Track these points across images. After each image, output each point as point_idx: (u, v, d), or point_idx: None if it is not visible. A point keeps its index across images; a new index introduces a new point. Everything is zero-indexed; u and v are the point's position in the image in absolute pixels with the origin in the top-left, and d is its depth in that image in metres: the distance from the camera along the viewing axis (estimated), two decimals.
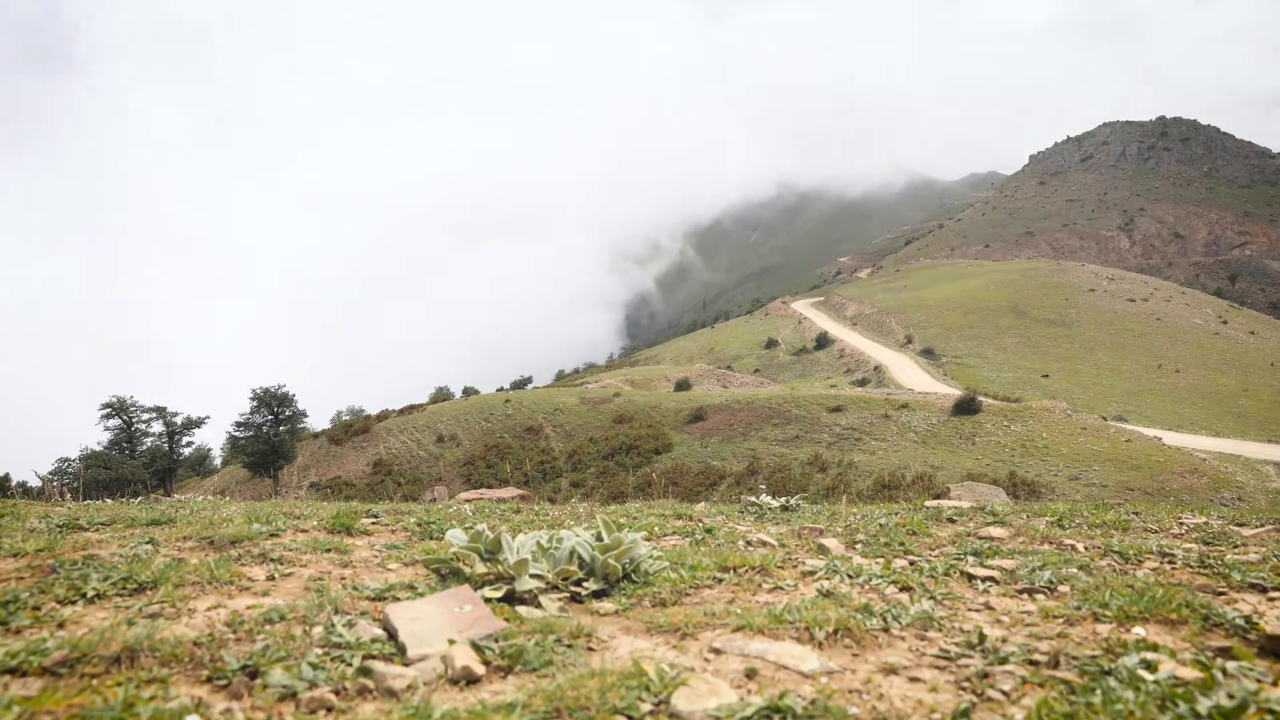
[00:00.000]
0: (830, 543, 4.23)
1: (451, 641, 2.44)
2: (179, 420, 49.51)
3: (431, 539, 4.33)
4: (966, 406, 40.91)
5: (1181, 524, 4.99)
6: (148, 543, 3.83)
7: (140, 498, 7.86)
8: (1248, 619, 2.76)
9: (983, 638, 2.62)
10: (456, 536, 3.54)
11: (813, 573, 3.60)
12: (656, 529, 4.82)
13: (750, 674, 2.32)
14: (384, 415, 54.48)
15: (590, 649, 2.56)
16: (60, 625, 2.59)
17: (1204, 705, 1.97)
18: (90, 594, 2.89)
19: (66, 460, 42.14)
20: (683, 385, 60.20)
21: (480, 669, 2.31)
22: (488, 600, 2.94)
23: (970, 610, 3.01)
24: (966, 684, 2.28)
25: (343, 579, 3.35)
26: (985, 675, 2.32)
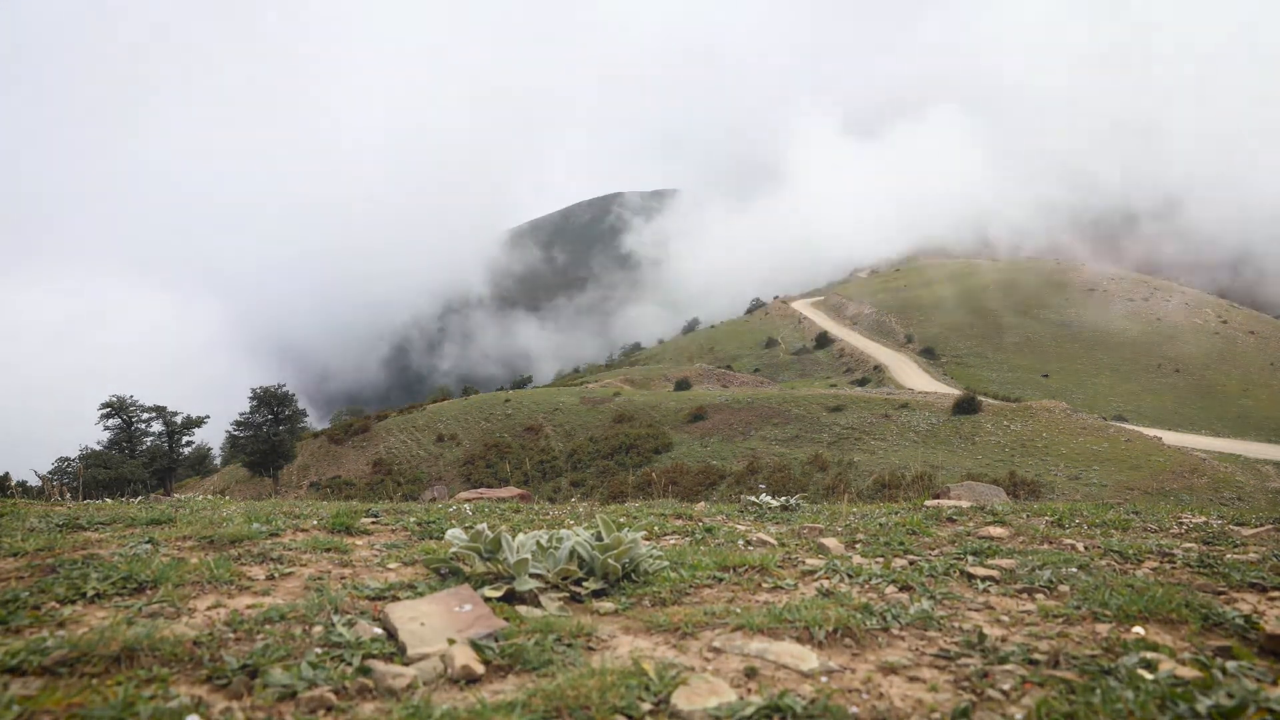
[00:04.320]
0: (830, 542, 4.23)
1: (451, 641, 2.44)
2: (179, 420, 49.52)
3: (431, 538, 4.33)
4: (966, 406, 40.92)
5: (1181, 524, 4.99)
6: (148, 542, 3.83)
7: (140, 497, 7.86)
8: (1248, 619, 2.76)
9: (982, 637, 2.62)
10: (456, 536, 3.54)
11: (812, 572, 3.60)
12: (656, 528, 4.82)
13: (750, 673, 2.32)
14: (383, 415, 54.50)
15: (590, 648, 2.56)
16: (60, 625, 2.59)
17: (1204, 705, 1.97)
18: (90, 593, 2.89)
19: (66, 460, 42.16)
20: (682, 385, 60.23)
21: (480, 668, 2.31)
22: (488, 600, 2.94)
23: (970, 610, 3.01)
24: (966, 683, 2.28)
25: (343, 578, 3.35)
26: (985, 675, 2.32)
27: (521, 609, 2.94)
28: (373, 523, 4.80)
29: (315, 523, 4.64)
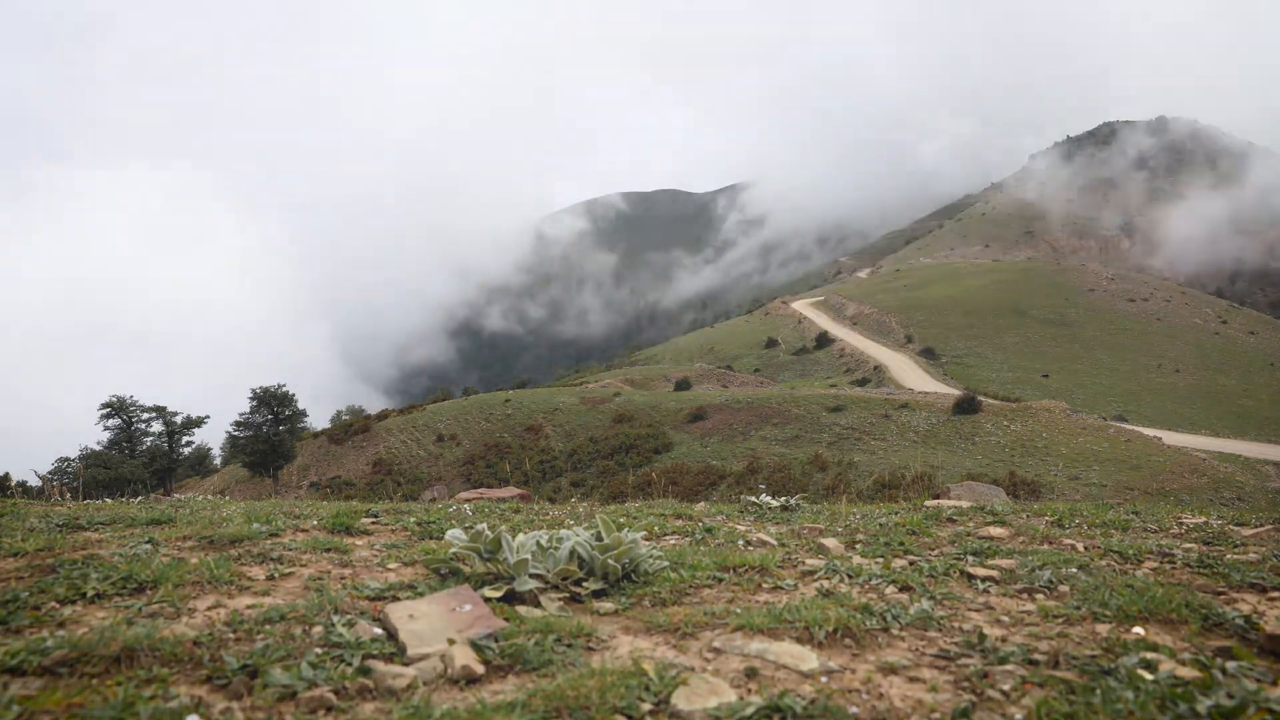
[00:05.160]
0: (830, 542, 4.23)
1: (451, 641, 2.44)
2: (179, 420, 49.49)
3: (431, 539, 4.33)
4: (966, 406, 40.90)
5: (1181, 524, 4.98)
6: (148, 542, 3.83)
7: (140, 497, 7.85)
8: (1248, 619, 2.76)
9: (982, 637, 2.62)
10: (456, 536, 3.54)
11: (812, 572, 3.60)
12: (656, 529, 4.82)
13: (750, 673, 2.32)
14: (384, 415, 54.49)
15: (590, 648, 2.56)
16: (60, 625, 2.59)
17: (1204, 705, 1.97)
18: (90, 594, 2.89)
19: (66, 460, 42.13)
20: (683, 385, 60.20)
21: (480, 668, 2.31)
22: (487, 600, 2.94)
23: (970, 610, 3.01)
24: (966, 683, 2.28)
25: (342, 579, 3.35)
26: (985, 675, 2.32)
27: (521, 609, 2.94)
28: (373, 523, 4.80)
29: (315, 523, 4.64)
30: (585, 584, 3.22)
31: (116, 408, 47.74)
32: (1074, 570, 3.51)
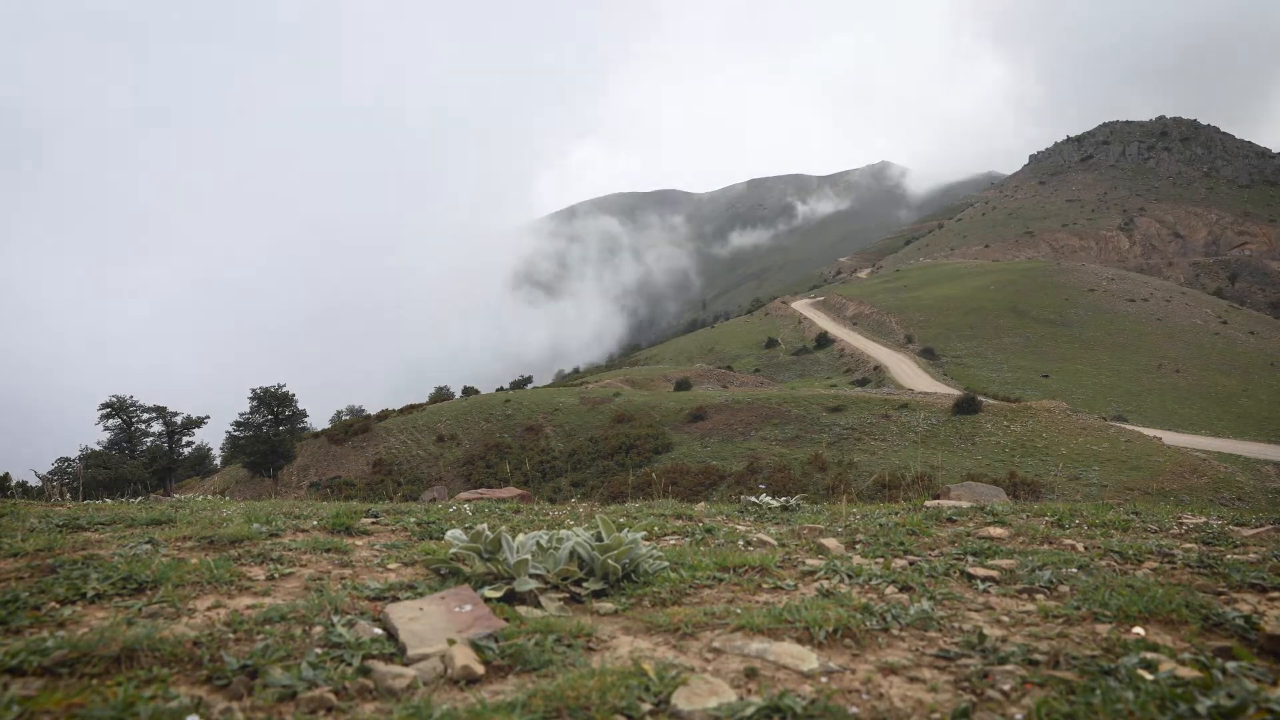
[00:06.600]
0: (830, 542, 4.23)
1: (451, 641, 2.44)
2: (179, 420, 49.52)
3: (431, 539, 4.33)
4: (966, 406, 40.91)
5: (1181, 524, 4.98)
6: (148, 543, 3.83)
7: (140, 498, 7.85)
8: (1248, 619, 2.76)
9: (982, 638, 2.62)
10: (456, 536, 3.54)
11: (812, 572, 3.60)
12: (656, 529, 4.82)
13: (750, 674, 2.32)
14: (384, 415, 54.49)
15: (590, 649, 2.56)
16: (60, 625, 2.59)
17: (1204, 705, 1.97)
18: (90, 594, 2.89)
19: (66, 460, 42.15)
20: (683, 385, 60.22)
21: (480, 669, 2.31)
22: (488, 600, 2.94)
23: (970, 610, 3.01)
24: (966, 684, 2.28)
25: (342, 579, 3.35)
26: (985, 675, 2.32)
27: (521, 609, 2.94)
28: (373, 523, 4.80)
29: (315, 523, 4.64)
30: (585, 584, 3.22)
31: (116, 408, 47.77)
32: (1074, 570, 3.51)
